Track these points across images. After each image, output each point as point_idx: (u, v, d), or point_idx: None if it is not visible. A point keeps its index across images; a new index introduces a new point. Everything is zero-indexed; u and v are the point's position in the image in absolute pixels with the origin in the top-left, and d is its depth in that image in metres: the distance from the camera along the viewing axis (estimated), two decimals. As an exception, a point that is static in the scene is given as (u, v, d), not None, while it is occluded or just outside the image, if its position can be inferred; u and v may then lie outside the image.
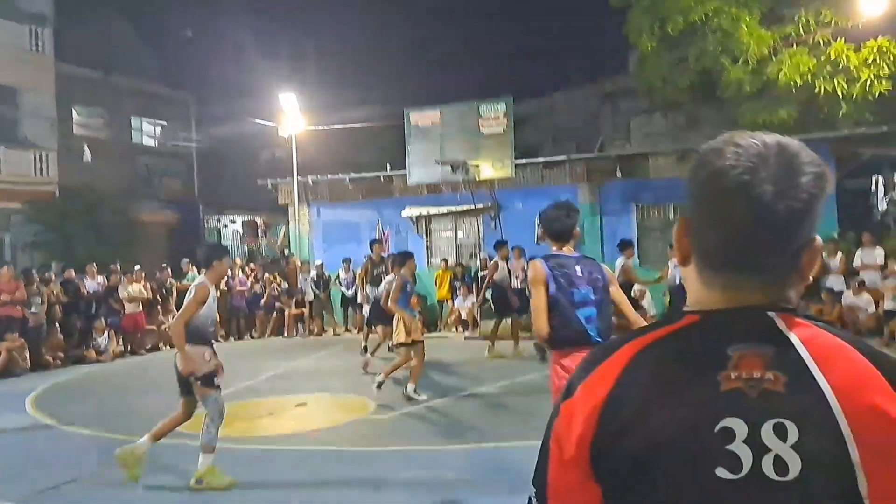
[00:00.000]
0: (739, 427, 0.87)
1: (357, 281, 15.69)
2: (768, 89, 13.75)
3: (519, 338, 11.52)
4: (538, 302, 3.61)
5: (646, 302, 13.57)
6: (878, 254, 11.82)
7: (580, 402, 0.96)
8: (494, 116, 13.27)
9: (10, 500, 4.96)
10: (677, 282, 10.52)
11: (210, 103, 23.51)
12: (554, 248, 3.81)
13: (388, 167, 17.32)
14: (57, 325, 12.25)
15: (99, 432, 7.07)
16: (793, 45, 13.43)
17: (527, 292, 14.17)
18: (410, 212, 16.88)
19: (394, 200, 17.31)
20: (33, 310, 11.71)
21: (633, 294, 13.69)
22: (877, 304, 11.34)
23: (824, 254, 12.32)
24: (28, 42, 19.25)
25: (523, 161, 15.40)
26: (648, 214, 15.41)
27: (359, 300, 15.74)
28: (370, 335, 12.16)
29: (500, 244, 11.78)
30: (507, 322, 11.79)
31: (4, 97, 18.71)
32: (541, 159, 16.11)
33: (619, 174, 15.21)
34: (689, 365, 0.93)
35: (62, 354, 12.02)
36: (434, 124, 13.68)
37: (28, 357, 11.30)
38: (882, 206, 16.65)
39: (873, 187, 16.93)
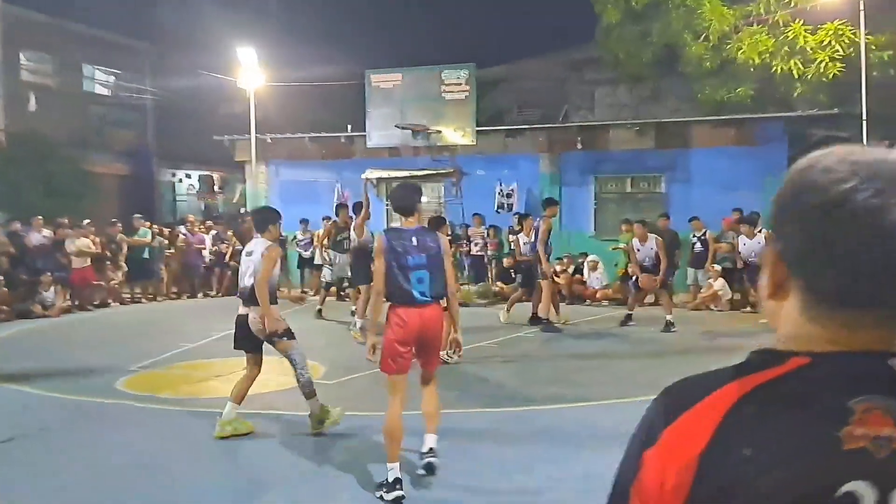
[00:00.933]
0: (866, 492, 0.78)
1: (316, 243, 15.59)
2: (727, 67, 13.93)
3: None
4: (378, 267, 4.40)
5: (598, 271, 13.80)
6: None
7: (670, 452, 0.84)
8: (457, 82, 13.15)
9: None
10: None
11: (167, 54, 22.74)
12: (401, 222, 4.58)
13: (349, 128, 17.09)
14: (1, 277, 11.92)
15: (41, 391, 6.96)
16: (753, 24, 13.59)
17: (485, 259, 14.24)
18: (371, 174, 16.71)
19: (354, 162, 17.12)
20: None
21: (587, 264, 13.93)
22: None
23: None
24: (-28, -20, 18.32)
25: (485, 129, 15.35)
26: (607, 186, 15.57)
27: (316, 261, 15.69)
28: (327, 298, 12.19)
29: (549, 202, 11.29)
30: None
31: (-54, 38, 17.84)
32: (503, 127, 16.08)
33: (579, 145, 15.29)
34: (804, 418, 0.81)
35: (6, 308, 11.72)
36: (395, 87, 13.50)
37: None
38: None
39: (823, 168, 17.42)
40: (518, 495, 4.30)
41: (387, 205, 17.12)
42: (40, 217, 13.36)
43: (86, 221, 13.72)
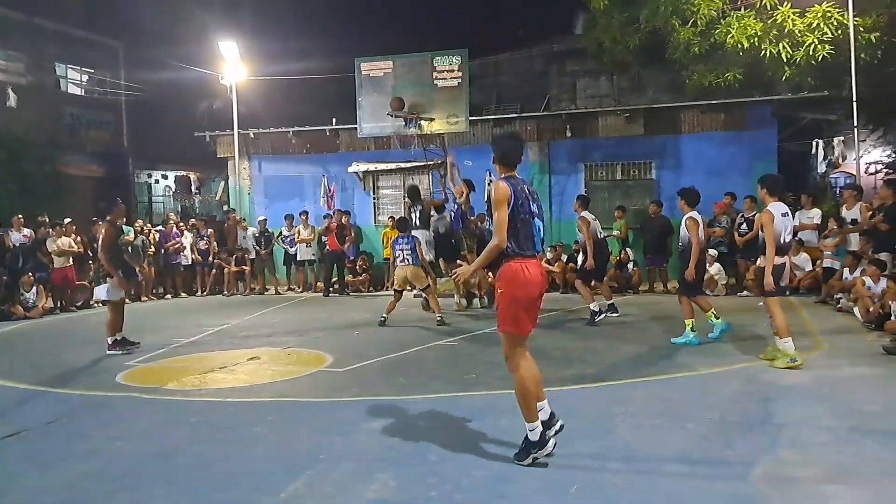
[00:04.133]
0: None
1: (305, 238, 15.33)
2: (715, 51, 13.95)
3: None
4: (501, 216, 4.13)
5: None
6: (816, 214, 12.23)
7: None
8: (449, 69, 12.95)
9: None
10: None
11: (142, 50, 22.23)
12: (501, 174, 4.44)
13: (334, 121, 16.84)
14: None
15: (41, 387, 6.67)
16: (741, 9, 13.62)
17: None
18: (357, 167, 16.51)
19: (339, 156, 16.91)
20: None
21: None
22: (814, 262, 11.77)
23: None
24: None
25: (474, 118, 15.21)
26: (597, 174, 15.52)
27: (301, 258, 15.43)
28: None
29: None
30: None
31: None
32: (492, 116, 15.95)
33: (568, 133, 15.22)
34: None
35: (-13, 309, 11.31)
36: (386, 75, 13.27)
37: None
38: (821, 168, 17.29)
39: (813, 150, 17.54)
40: (558, 467, 4.15)
41: (374, 198, 16.95)
42: (20, 216, 12.92)
43: (67, 220, 13.30)
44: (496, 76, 23.35)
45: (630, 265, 13.63)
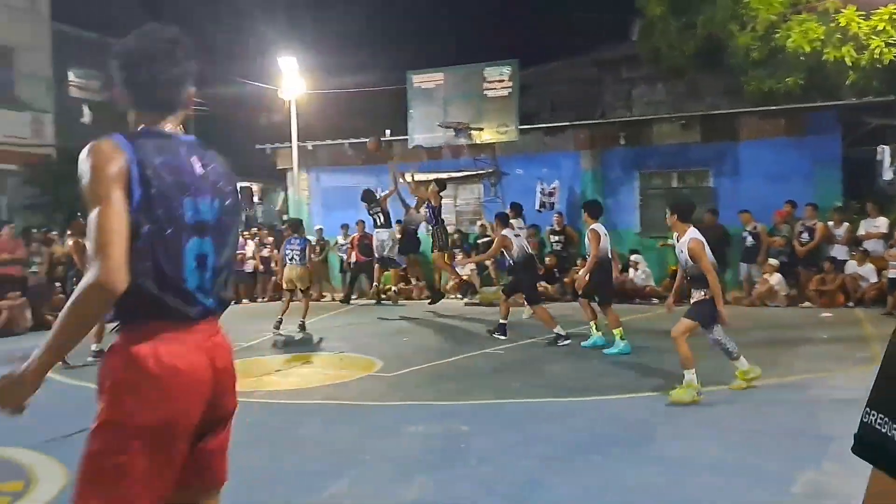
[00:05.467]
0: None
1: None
2: (775, 56, 13.62)
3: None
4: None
5: (641, 269, 13.56)
6: (882, 223, 11.82)
7: None
8: (499, 79, 13.11)
9: (24, 447, 4.95)
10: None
11: (207, 66, 23.14)
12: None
13: (388, 133, 17.17)
14: (58, 284, 12.17)
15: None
16: (802, 12, 13.28)
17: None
18: (409, 177, 16.74)
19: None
20: (34, 269, 11.62)
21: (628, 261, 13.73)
22: (880, 273, 11.36)
23: (829, 223, 12.35)
24: (24, 1, 18.88)
25: (525, 127, 15.28)
26: (652, 182, 15.34)
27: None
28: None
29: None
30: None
31: (1, 58, 18.38)
32: (543, 125, 15.98)
33: (622, 141, 15.10)
34: None
35: (63, 314, 11.95)
36: (437, 86, 13.52)
37: (29, 316, 11.24)
38: (887, 175, 16.63)
39: (878, 156, 16.89)
40: (595, 474, 4.19)
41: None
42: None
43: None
44: (549, 85, 23.29)
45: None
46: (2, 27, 18.03)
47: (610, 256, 9.04)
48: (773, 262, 12.28)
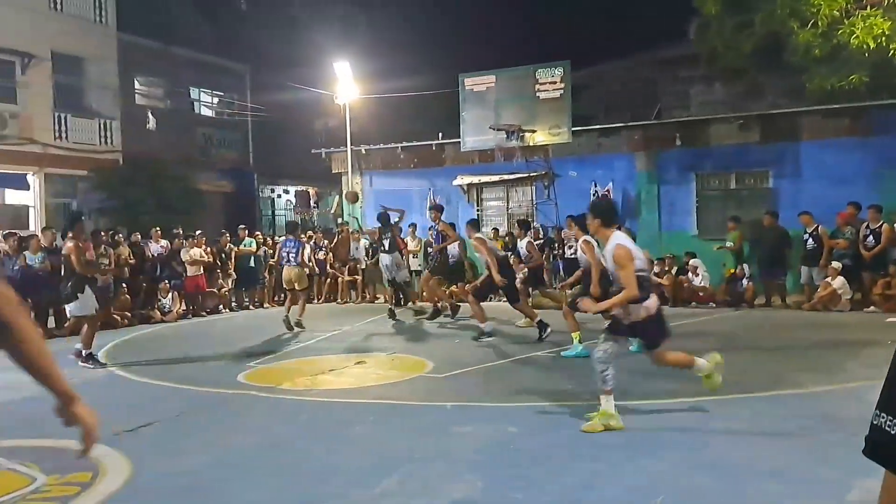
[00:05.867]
0: None
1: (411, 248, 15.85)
2: (838, 53, 13.19)
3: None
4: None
5: (701, 273, 13.29)
6: (952, 225, 11.33)
7: None
8: (551, 81, 13.09)
9: (93, 439, 5.19)
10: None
11: (265, 74, 23.76)
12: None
13: (440, 136, 17.31)
14: (124, 285, 12.69)
15: (172, 383, 7.36)
16: (866, 7, 12.83)
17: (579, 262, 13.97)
18: (462, 180, 16.87)
19: (445, 169, 17.31)
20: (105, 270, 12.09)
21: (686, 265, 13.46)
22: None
23: (895, 225, 11.89)
24: (92, 13, 19.73)
25: (578, 128, 15.19)
26: (709, 183, 15.04)
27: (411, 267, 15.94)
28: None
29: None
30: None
31: (70, 67, 19.26)
32: (596, 126, 15.85)
33: (678, 142, 14.86)
34: None
35: (129, 314, 12.46)
36: (489, 89, 13.59)
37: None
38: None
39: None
40: (646, 477, 4.17)
41: (478, 210, 17.24)
42: (158, 229, 14.16)
43: (198, 232, 14.43)
44: (603, 86, 23.06)
45: (745, 280, 13.01)
46: (72, 39, 18.89)
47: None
48: (835, 265, 11.89)
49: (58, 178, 18.69)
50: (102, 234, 12.92)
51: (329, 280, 16.28)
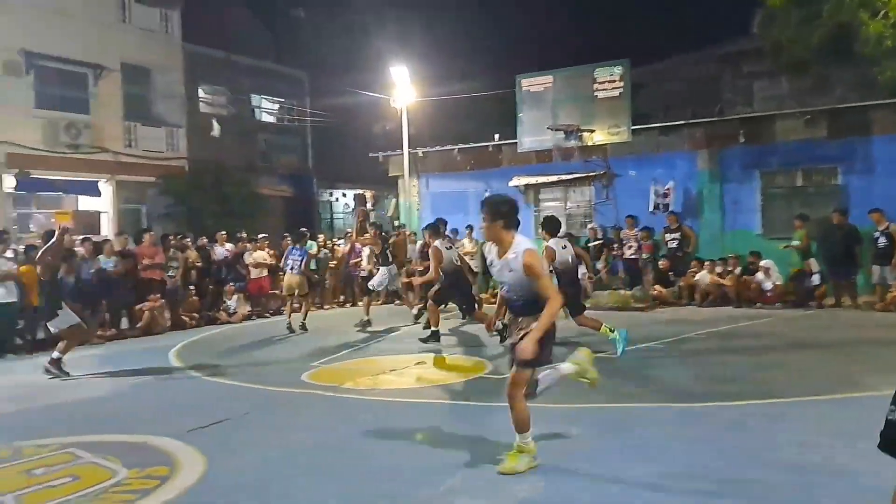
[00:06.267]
0: None
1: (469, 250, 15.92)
2: (911, 44, 12.67)
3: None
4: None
5: (773, 272, 12.92)
6: None
7: None
8: (610, 80, 12.96)
9: (169, 437, 5.42)
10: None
11: (323, 79, 24.22)
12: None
13: (497, 137, 17.32)
14: (192, 288, 13.14)
15: (240, 382, 7.60)
16: (942, -6, 12.30)
17: (639, 262, 13.77)
18: (519, 181, 16.83)
19: (502, 170, 17.31)
20: (170, 273, 12.59)
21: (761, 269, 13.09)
22: None
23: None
24: (159, 25, 20.48)
25: (638, 127, 14.97)
26: (774, 181, 14.62)
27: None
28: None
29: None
30: None
31: (139, 77, 20.04)
32: (657, 124, 15.59)
33: (742, 139, 14.49)
34: None
35: (196, 315, 12.89)
36: (546, 89, 13.54)
37: (168, 317, 12.20)
38: None
39: None
40: (714, 479, 4.11)
41: (535, 212, 17.18)
42: (224, 233, 14.61)
43: (261, 235, 14.81)
44: (663, 83, 22.64)
45: (816, 277, 12.57)
46: (140, 51, 19.67)
47: (572, 266, 8.76)
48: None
49: (128, 184, 19.45)
50: (171, 238, 13.42)
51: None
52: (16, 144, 16.77)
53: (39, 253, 8.63)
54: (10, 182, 16.80)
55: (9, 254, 10.73)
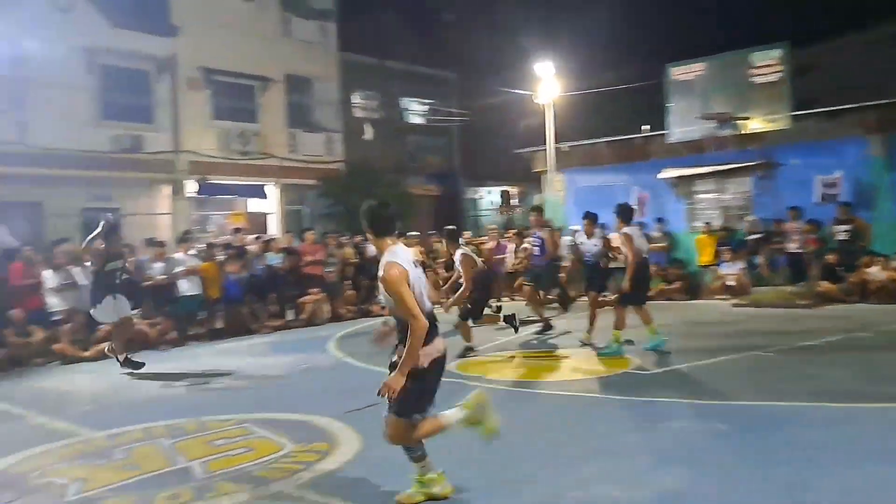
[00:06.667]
0: None
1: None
2: None
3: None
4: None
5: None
6: None
7: None
8: (767, 64, 12.24)
9: (329, 417, 5.89)
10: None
11: (469, 79, 24.72)
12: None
13: (644, 129, 16.87)
14: (348, 282, 13.98)
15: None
16: None
17: (804, 257, 12.84)
18: (668, 174, 16.28)
19: (650, 163, 16.80)
20: (329, 269, 13.48)
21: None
22: None
23: None
24: (317, 36, 21.87)
25: (801, 112, 13.99)
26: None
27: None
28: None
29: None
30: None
31: (301, 87, 21.51)
32: (822, 109, 14.49)
33: (921, 123, 13.15)
34: None
35: (353, 307, 13.70)
36: (697, 77, 13.03)
37: (327, 310, 13.09)
38: None
39: None
40: (867, 482, 3.89)
41: (688, 205, 16.53)
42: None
43: (412, 233, 15.44)
44: (830, 65, 20.95)
45: None
46: (301, 62, 21.12)
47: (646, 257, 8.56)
48: None
49: (291, 187, 20.96)
50: (330, 236, 14.35)
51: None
52: (196, 153, 18.61)
53: (85, 243, 8.66)
54: (192, 187, 18.66)
55: (192, 252, 12.00)
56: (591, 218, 9.47)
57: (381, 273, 3.83)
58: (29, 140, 15.35)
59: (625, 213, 8.33)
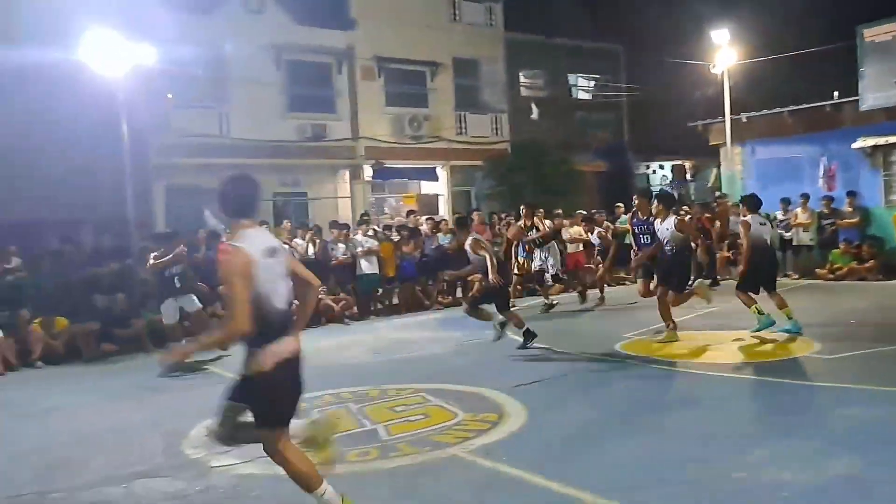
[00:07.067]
0: None
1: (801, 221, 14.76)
2: None
3: None
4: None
5: None
6: None
7: None
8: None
9: (498, 390, 6.25)
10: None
11: (638, 51, 23.92)
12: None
13: (836, 95, 15.48)
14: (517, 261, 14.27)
15: (556, 347, 8.31)
16: None
17: None
18: (864, 143, 14.86)
19: (841, 132, 15.43)
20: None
21: None
22: None
23: None
24: (484, 18, 22.24)
25: None
26: None
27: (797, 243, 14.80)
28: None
29: None
30: None
31: (468, 70, 22.02)
32: None
33: None
34: None
35: (518, 287, 13.99)
36: (894, 39, 11.77)
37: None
38: None
39: None
40: None
41: (885, 175, 15.01)
42: (541, 210, 15.51)
43: (578, 212, 15.42)
44: None
45: None
46: (469, 45, 21.60)
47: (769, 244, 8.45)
48: None
49: (459, 169, 21.61)
50: (495, 216, 14.72)
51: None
52: (372, 139, 19.75)
53: (152, 259, 9.05)
54: (368, 172, 19.87)
55: (370, 232, 12.89)
56: (654, 198, 8.82)
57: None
58: (229, 133, 17.15)
59: (751, 202, 8.45)
